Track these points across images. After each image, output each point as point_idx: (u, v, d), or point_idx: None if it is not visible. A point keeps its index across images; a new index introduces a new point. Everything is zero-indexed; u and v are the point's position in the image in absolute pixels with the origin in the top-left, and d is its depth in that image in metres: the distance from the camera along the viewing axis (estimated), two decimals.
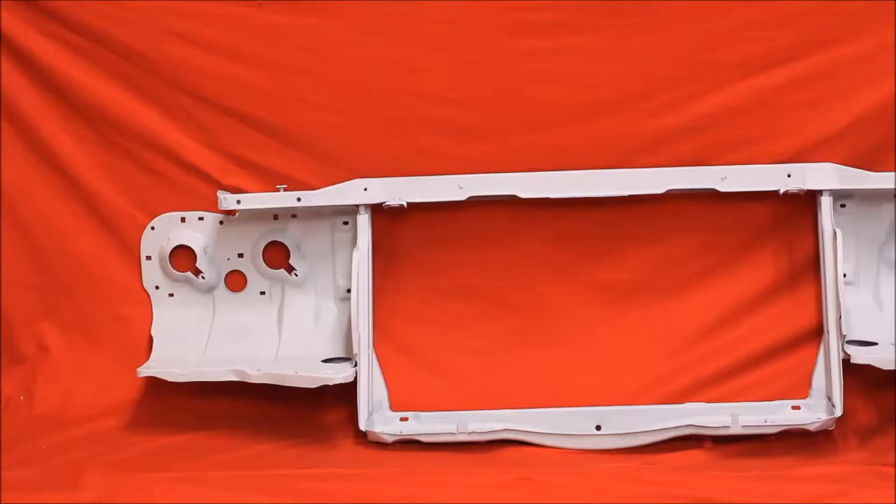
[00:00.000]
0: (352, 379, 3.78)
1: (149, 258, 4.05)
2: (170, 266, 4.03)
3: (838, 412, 3.73)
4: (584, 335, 3.97)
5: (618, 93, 3.93)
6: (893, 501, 3.27)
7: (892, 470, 3.53)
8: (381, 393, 3.92)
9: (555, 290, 3.99)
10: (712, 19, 3.88)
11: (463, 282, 3.99)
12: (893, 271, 3.90)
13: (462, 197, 3.87)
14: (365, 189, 3.88)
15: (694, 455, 3.71)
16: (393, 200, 3.87)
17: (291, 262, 4.01)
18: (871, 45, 3.85)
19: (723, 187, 3.84)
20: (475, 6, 3.91)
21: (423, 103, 3.96)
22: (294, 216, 4.00)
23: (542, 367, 3.96)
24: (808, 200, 3.88)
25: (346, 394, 3.83)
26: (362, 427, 3.80)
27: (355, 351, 3.81)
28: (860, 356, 3.69)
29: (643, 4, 3.88)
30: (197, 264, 4.01)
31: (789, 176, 3.83)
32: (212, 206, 3.95)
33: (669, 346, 3.95)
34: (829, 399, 3.79)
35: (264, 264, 4.02)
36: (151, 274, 4.06)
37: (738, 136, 3.91)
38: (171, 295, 4.05)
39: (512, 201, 3.89)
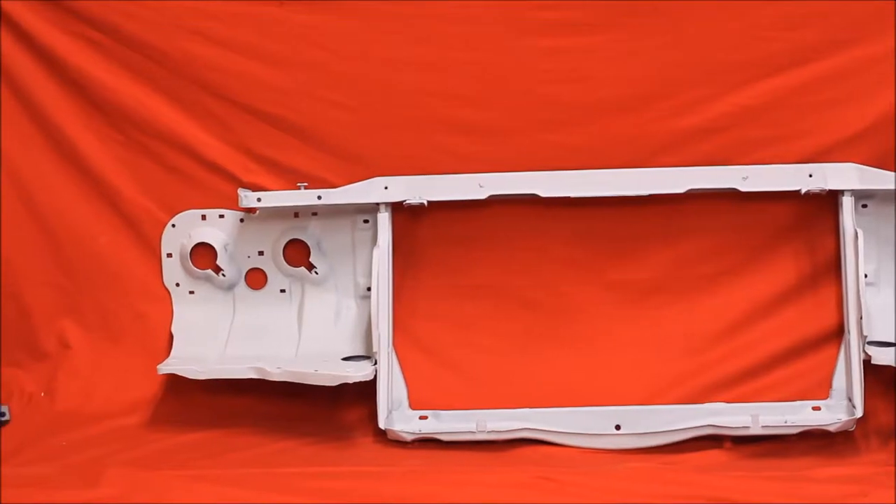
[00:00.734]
0: (371, 377, 3.79)
1: (169, 255, 4.06)
2: (190, 263, 4.04)
3: (859, 413, 3.72)
4: (604, 335, 3.97)
5: (635, 92, 3.93)
6: None
7: None
8: (401, 391, 3.92)
9: (574, 290, 3.99)
10: (731, 19, 3.87)
11: (483, 281, 3.99)
12: None
13: (483, 196, 3.87)
14: (386, 187, 3.89)
15: (713, 455, 3.71)
16: (413, 199, 3.87)
17: (312, 259, 4.01)
18: (891, 44, 3.83)
19: (744, 187, 3.84)
20: (493, 5, 3.91)
21: (441, 102, 3.96)
22: (314, 214, 4.01)
23: (562, 366, 3.96)
24: (830, 200, 3.87)
25: (365, 392, 3.84)
26: (381, 425, 3.81)
27: (375, 349, 3.81)
28: (881, 357, 3.68)
29: (661, 4, 3.87)
30: (217, 262, 4.02)
31: (811, 176, 3.82)
32: (232, 203, 3.96)
33: (689, 346, 3.94)
34: (850, 400, 3.78)
35: (285, 262, 4.02)
36: (172, 271, 4.07)
37: (759, 135, 3.91)
38: (191, 292, 4.06)
39: (532, 200, 3.89)
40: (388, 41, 3.95)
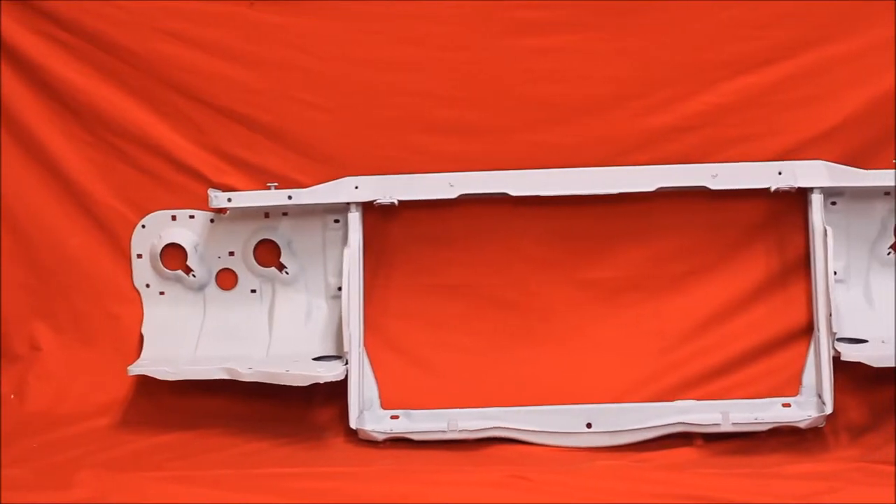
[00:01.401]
0: (342, 377, 3.78)
1: (140, 256, 4.05)
2: (161, 264, 4.03)
3: (828, 409, 3.73)
4: (575, 333, 3.98)
5: (611, 91, 3.93)
6: (893, 501, 3.27)
7: (883, 467, 3.54)
8: (372, 391, 3.92)
9: (546, 288, 3.99)
10: (704, 18, 3.89)
11: (454, 280, 4.00)
12: (884, 269, 3.90)
13: (453, 195, 3.87)
14: (356, 187, 3.88)
15: (684, 453, 3.71)
16: (384, 198, 3.87)
17: (282, 260, 4.01)
18: (861, 43, 3.86)
19: (714, 185, 3.84)
20: (468, 5, 3.91)
21: (416, 102, 3.96)
22: (285, 214, 4.00)
23: (533, 365, 3.96)
24: (799, 198, 3.89)
25: (337, 392, 3.83)
26: (353, 425, 3.80)
27: (346, 349, 3.81)
28: (850, 353, 3.70)
29: (637, 4, 3.88)
30: (188, 262, 4.01)
31: (780, 174, 3.83)
32: (203, 204, 3.95)
33: (660, 344, 3.95)
34: (820, 396, 3.79)
35: (255, 262, 4.02)
36: (142, 272, 4.06)
37: (730, 134, 3.92)
38: (161, 293, 4.05)
39: (503, 199, 3.89)
40: (362, 41, 3.95)
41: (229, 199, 3.89)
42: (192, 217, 4.02)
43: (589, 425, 3.80)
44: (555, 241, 3.98)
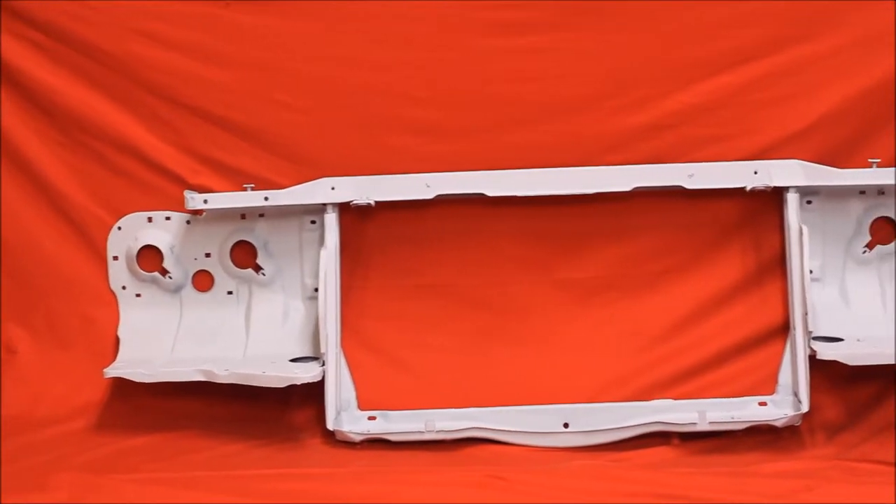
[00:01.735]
0: (319, 378, 3.78)
1: (116, 258, 4.04)
2: (137, 266, 4.02)
3: (805, 408, 3.74)
4: (553, 333, 3.98)
5: (587, 91, 3.94)
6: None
7: (859, 465, 3.56)
8: (349, 392, 3.92)
9: (523, 288, 4.00)
10: (679, 18, 3.89)
11: (431, 280, 4.00)
12: (859, 267, 3.92)
13: (430, 195, 3.87)
14: (332, 188, 3.88)
15: (661, 452, 3.73)
16: (360, 199, 3.87)
17: (259, 261, 4.01)
18: (836, 42, 3.87)
19: (690, 184, 3.85)
20: (444, 5, 3.91)
21: (392, 102, 3.96)
22: (261, 215, 4.00)
23: (511, 364, 3.96)
24: (775, 197, 3.90)
25: (314, 393, 3.83)
26: (330, 426, 3.80)
27: (323, 350, 3.81)
28: (826, 352, 3.71)
29: (611, 4, 3.89)
30: (164, 264, 4.01)
31: (756, 173, 3.84)
32: (179, 205, 3.94)
33: (637, 344, 3.96)
34: (796, 395, 3.80)
35: (232, 264, 4.02)
36: (118, 274, 4.05)
37: (706, 133, 3.93)
38: (138, 295, 4.04)
39: (480, 200, 3.89)
40: (338, 41, 3.95)
41: (205, 201, 3.89)
42: (168, 219, 4.01)
43: (566, 425, 3.80)
44: (531, 241, 3.99)
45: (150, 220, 4.02)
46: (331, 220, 3.88)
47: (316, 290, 3.92)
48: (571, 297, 3.99)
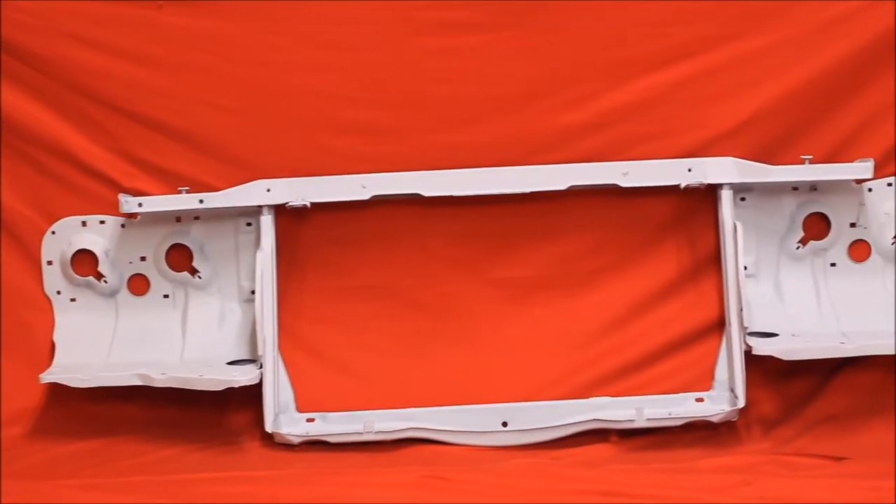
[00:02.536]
0: (257, 381, 3.78)
1: (50, 263, 4.00)
2: (71, 271, 3.99)
3: (741, 403, 3.77)
4: (490, 332, 3.98)
5: (521, 91, 3.95)
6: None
7: (795, 459, 3.60)
8: (287, 394, 3.90)
9: (460, 288, 4.00)
10: (613, 17, 3.91)
11: (368, 281, 3.99)
12: (793, 263, 3.95)
13: (365, 196, 3.87)
14: (268, 190, 3.87)
15: (600, 449, 3.75)
16: (296, 201, 3.86)
17: (195, 264, 3.99)
18: (767, 40, 3.90)
19: (624, 182, 3.87)
20: (378, 6, 3.91)
21: (328, 103, 3.96)
22: (197, 218, 3.98)
23: (449, 364, 3.97)
24: (709, 194, 3.92)
25: (252, 396, 3.82)
26: (268, 429, 3.80)
27: (260, 353, 3.81)
28: (762, 347, 3.75)
29: (545, 4, 3.90)
30: (99, 268, 3.98)
31: (690, 170, 3.87)
32: (113, 209, 3.92)
33: (574, 342, 3.97)
34: (732, 390, 3.82)
35: (167, 267, 3.99)
36: (53, 279, 4.01)
37: (640, 131, 3.95)
38: (73, 300, 4.01)
39: (416, 200, 3.89)
40: (272, 43, 3.94)
41: (140, 204, 3.87)
42: (102, 222, 3.99)
43: (504, 424, 3.82)
44: (468, 240, 3.99)
45: (84, 224, 3.99)
46: (266, 222, 3.88)
47: (252, 292, 3.91)
48: (508, 296, 3.99)
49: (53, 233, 4.00)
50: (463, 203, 3.92)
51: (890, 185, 3.91)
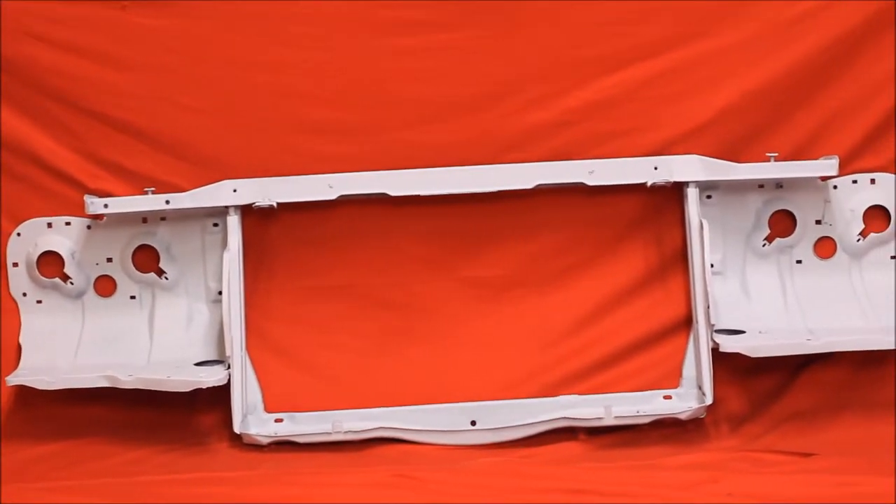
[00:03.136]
0: (225, 381, 3.78)
1: (15, 265, 3.98)
2: (37, 272, 3.97)
3: (708, 400, 3.79)
4: (459, 331, 3.98)
5: (486, 90, 3.95)
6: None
7: (763, 455, 3.61)
8: (255, 395, 3.90)
9: (428, 288, 4.00)
10: (577, 16, 3.92)
11: (336, 281, 3.99)
12: (759, 260, 3.96)
13: (332, 196, 3.87)
14: (234, 190, 3.87)
15: (568, 447, 3.76)
16: (263, 201, 3.86)
17: (161, 265, 3.98)
18: (732, 38, 3.91)
19: (591, 181, 3.88)
20: (343, 5, 3.91)
21: (294, 103, 3.95)
22: (163, 219, 3.97)
23: (418, 364, 3.97)
24: (676, 192, 3.93)
25: (220, 397, 3.82)
26: (237, 430, 3.79)
27: (228, 353, 3.80)
28: (729, 345, 3.76)
29: (510, 3, 3.90)
30: (65, 270, 3.96)
31: (656, 168, 3.88)
32: (79, 210, 3.90)
33: (543, 340, 3.97)
34: (700, 388, 3.84)
35: (134, 268, 3.98)
36: (18, 281, 3.99)
37: (606, 130, 3.95)
38: (39, 302, 3.99)
39: (383, 199, 3.89)
40: (237, 42, 3.93)
41: (106, 205, 3.86)
42: (68, 224, 3.97)
43: (473, 423, 3.82)
44: (436, 239, 3.99)
45: (49, 225, 3.97)
46: (233, 222, 3.87)
47: (220, 293, 3.90)
48: (476, 295, 3.99)
49: (19, 234, 3.98)
50: (431, 202, 3.92)
51: (855, 182, 3.93)
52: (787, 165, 3.86)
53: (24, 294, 4.00)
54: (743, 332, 3.85)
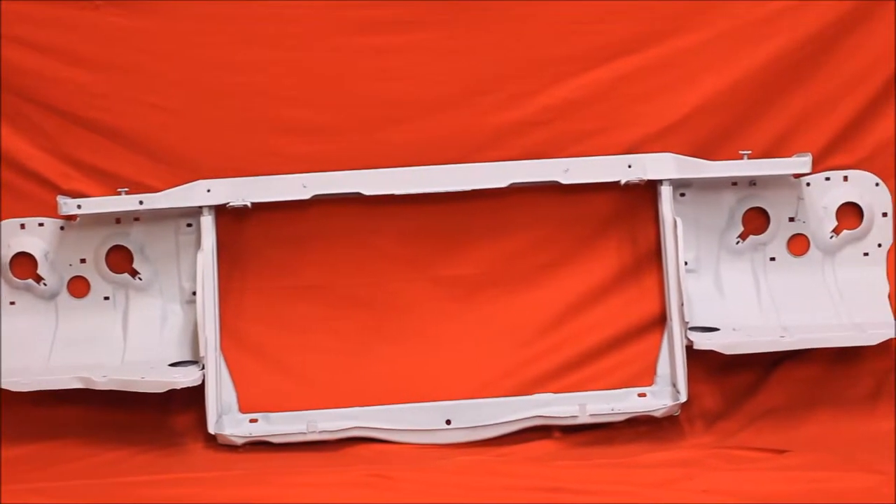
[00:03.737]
0: (199, 382, 3.77)
1: None
2: (10, 274, 3.96)
3: (683, 398, 3.80)
4: (433, 330, 3.99)
5: (460, 89, 3.95)
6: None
7: (737, 452, 3.62)
8: (230, 395, 3.89)
9: (403, 287, 4.00)
10: (549, 14, 3.92)
11: (310, 281, 3.98)
12: (733, 258, 3.97)
13: (307, 196, 3.87)
14: (208, 190, 3.86)
15: (543, 445, 3.76)
16: (236, 201, 3.85)
17: (135, 265, 3.97)
18: (704, 36, 3.92)
19: (565, 179, 3.88)
20: (316, 5, 3.90)
21: (265, 102, 3.95)
22: (137, 219, 3.97)
23: (392, 363, 3.97)
24: (649, 190, 3.94)
25: (194, 397, 3.82)
26: (211, 430, 3.79)
27: (202, 354, 3.79)
28: (703, 342, 3.77)
29: (482, 2, 3.90)
30: (38, 271, 3.95)
31: (630, 167, 3.88)
32: (52, 211, 3.89)
33: (518, 339, 3.97)
34: (674, 385, 3.85)
35: (108, 269, 3.97)
36: None
37: (580, 128, 3.96)
38: (12, 303, 3.98)
39: (357, 199, 3.89)
40: (211, 43, 3.92)
41: (79, 206, 3.85)
42: (41, 225, 3.96)
43: (448, 422, 3.82)
44: (410, 239, 3.99)
45: (22, 226, 3.96)
46: (207, 222, 3.86)
47: (194, 293, 3.89)
48: (451, 294, 4.00)
49: None
50: (405, 201, 3.92)
51: (828, 179, 3.95)
52: (761, 163, 3.88)
53: None
54: (717, 329, 3.86)
